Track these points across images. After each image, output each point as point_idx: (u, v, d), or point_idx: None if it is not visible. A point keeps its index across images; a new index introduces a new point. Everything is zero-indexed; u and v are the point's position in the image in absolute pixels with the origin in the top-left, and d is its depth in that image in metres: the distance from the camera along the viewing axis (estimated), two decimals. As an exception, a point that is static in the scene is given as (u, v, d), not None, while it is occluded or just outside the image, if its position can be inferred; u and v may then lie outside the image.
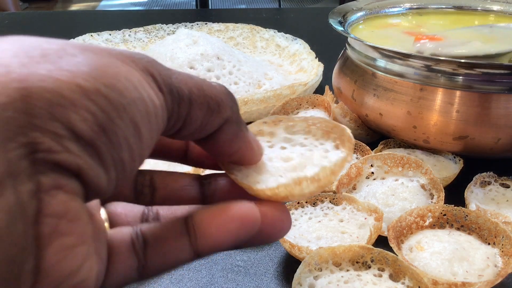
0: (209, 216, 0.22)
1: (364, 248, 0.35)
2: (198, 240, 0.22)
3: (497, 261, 0.36)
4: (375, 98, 0.51)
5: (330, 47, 0.76)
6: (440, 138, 0.47)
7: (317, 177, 0.23)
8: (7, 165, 0.15)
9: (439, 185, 0.43)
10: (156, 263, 0.22)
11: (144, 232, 0.22)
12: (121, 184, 0.20)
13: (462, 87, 0.45)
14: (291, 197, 0.23)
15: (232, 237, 0.22)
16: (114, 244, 0.22)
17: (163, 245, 0.22)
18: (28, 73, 0.16)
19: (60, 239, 0.17)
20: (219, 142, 0.23)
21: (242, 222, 0.21)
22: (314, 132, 0.28)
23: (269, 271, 0.38)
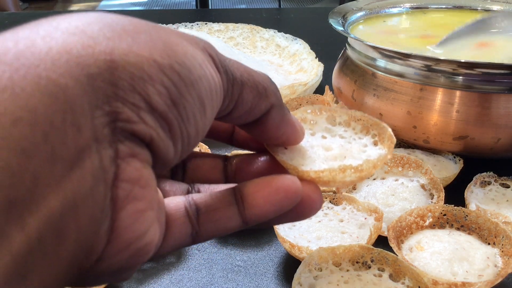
0: (257, 188, 0.23)
1: (364, 248, 0.35)
2: (246, 210, 0.23)
3: (497, 261, 0.36)
4: (375, 98, 0.51)
5: (330, 47, 0.76)
6: (440, 138, 0.47)
7: (361, 167, 0.25)
8: (94, 131, 0.17)
9: (439, 185, 0.43)
10: (208, 229, 0.23)
11: (196, 201, 0.24)
12: (183, 157, 0.21)
13: (462, 87, 0.45)
14: (332, 182, 0.25)
15: (277, 208, 0.23)
16: (171, 212, 0.23)
17: (215, 213, 0.23)
18: (113, 47, 0.17)
19: (133, 203, 0.18)
20: (266, 126, 0.25)
21: (286, 193, 0.23)
22: (354, 126, 0.29)
23: (269, 271, 0.38)
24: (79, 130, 0.16)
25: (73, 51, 0.17)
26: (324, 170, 0.24)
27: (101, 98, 0.17)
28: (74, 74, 0.16)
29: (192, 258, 0.39)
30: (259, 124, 0.25)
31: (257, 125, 0.25)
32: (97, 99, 0.17)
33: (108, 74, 0.17)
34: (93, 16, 0.18)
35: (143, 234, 0.19)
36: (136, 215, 0.18)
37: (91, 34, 0.17)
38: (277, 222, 0.25)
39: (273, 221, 0.25)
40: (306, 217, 0.25)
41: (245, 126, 0.25)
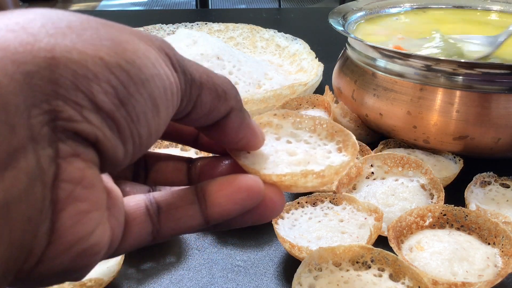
0: (219, 186, 0.23)
1: (364, 248, 0.35)
2: (208, 208, 0.23)
3: (497, 261, 0.36)
4: (375, 98, 0.51)
5: (330, 47, 0.76)
6: (440, 138, 0.47)
7: (322, 173, 0.25)
8: (30, 130, 0.16)
9: (439, 185, 0.43)
10: (169, 228, 0.23)
11: (157, 199, 0.23)
12: (136, 158, 0.21)
13: (462, 87, 0.45)
14: (294, 187, 0.25)
15: (239, 207, 0.23)
16: (130, 211, 0.23)
17: (176, 212, 0.23)
18: (55, 43, 0.17)
19: (75, 204, 0.18)
20: (226, 130, 0.24)
21: (248, 193, 0.23)
22: (320, 131, 0.29)
23: (269, 271, 0.38)
24: (13, 130, 0.15)
25: (10, 48, 0.16)
26: (286, 174, 0.24)
27: (39, 96, 0.16)
28: (9, 72, 0.16)
29: (192, 258, 0.39)
30: (218, 127, 0.24)
31: (217, 128, 0.24)
32: (34, 98, 0.16)
33: (47, 72, 0.16)
34: (36, 12, 0.18)
35: (87, 235, 0.19)
36: (78, 216, 0.18)
37: (31, 30, 0.17)
38: (239, 223, 0.25)
39: (236, 222, 0.25)
40: (268, 219, 0.25)
41: (205, 129, 0.25)
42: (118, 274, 0.36)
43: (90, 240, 0.19)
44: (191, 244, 0.41)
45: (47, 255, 0.18)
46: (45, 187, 0.17)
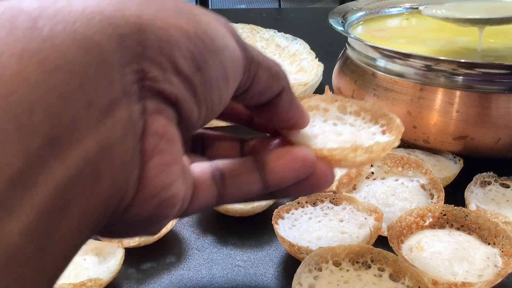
0: (277, 156, 0.25)
1: (364, 248, 0.35)
2: (267, 175, 0.25)
3: (497, 261, 0.36)
4: (375, 98, 0.51)
5: (330, 47, 0.76)
6: (440, 138, 0.47)
7: (371, 148, 0.26)
8: (124, 86, 0.18)
9: (439, 185, 0.43)
10: (232, 192, 0.25)
11: (220, 167, 0.25)
12: (206, 123, 0.23)
13: (462, 87, 0.45)
14: (343, 161, 0.27)
15: (295, 174, 0.25)
16: (197, 175, 0.25)
17: (239, 177, 0.25)
18: (142, 11, 0.19)
19: (159, 156, 0.20)
20: (277, 109, 0.26)
21: (303, 162, 0.25)
22: (364, 116, 0.31)
23: (269, 271, 0.38)
24: (111, 84, 0.17)
25: (106, 12, 0.18)
26: (336, 148, 0.26)
27: (131, 56, 0.18)
28: (107, 33, 0.17)
29: (192, 258, 0.39)
30: (270, 107, 0.26)
31: (269, 107, 0.26)
32: (127, 57, 0.18)
33: (137, 35, 0.18)
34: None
35: (169, 185, 0.20)
36: (162, 167, 0.20)
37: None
38: (294, 192, 0.27)
39: (291, 191, 0.26)
40: (319, 189, 0.27)
41: (257, 109, 0.27)
42: (118, 274, 0.36)
43: (171, 191, 0.21)
44: (191, 244, 0.41)
45: (135, 201, 0.20)
46: (136, 138, 0.19)
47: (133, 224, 0.21)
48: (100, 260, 0.37)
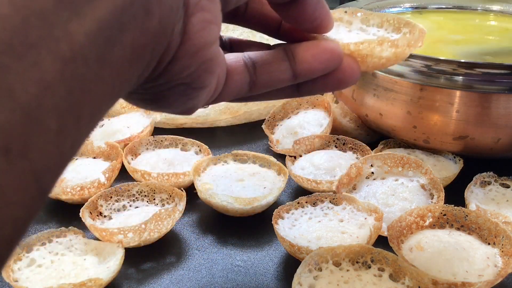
0: (306, 47, 0.27)
1: (364, 248, 0.35)
2: (296, 64, 0.26)
3: (497, 261, 0.36)
4: (375, 98, 0.51)
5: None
6: (440, 138, 0.47)
7: (397, 42, 0.27)
8: None
9: (439, 185, 0.43)
10: (264, 80, 0.27)
11: (252, 57, 0.27)
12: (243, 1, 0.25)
13: (462, 87, 0.45)
14: (369, 57, 0.27)
15: (323, 66, 0.27)
16: (230, 63, 0.26)
17: (270, 66, 0.27)
18: None
19: (202, 13, 0.21)
20: (304, 6, 0.27)
21: (331, 54, 0.26)
22: (387, 26, 0.32)
23: (269, 271, 0.38)
24: None
25: None
26: (363, 41, 0.27)
27: None
28: None
29: (192, 258, 0.39)
30: (297, 5, 0.27)
31: (295, 5, 0.27)
32: None
33: None
34: None
35: (209, 44, 0.22)
36: (204, 24, 0.21)
37: None
38: (322, 86, 0.28)
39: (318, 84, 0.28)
40: (346, 84, 0.28)
41: (283, 8, 0.27)
42: (118, 274, 0.36)
43: (211, 51, 0.22)
44: (191, 244, 0.41)
45: (179, 53, 0.21)
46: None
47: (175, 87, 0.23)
48: (100, 260, 0.37)
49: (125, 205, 0.43)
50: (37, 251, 0.37)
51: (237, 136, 0.59)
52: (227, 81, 0.26)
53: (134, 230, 0.38)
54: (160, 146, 0.52)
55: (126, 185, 0.44)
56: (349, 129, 0.55)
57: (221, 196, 0.41)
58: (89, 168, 0.48)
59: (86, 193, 0.43)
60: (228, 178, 0.45)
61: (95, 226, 0.38)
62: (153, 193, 0.44)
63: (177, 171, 0.46)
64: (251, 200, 0.41)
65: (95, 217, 0.41)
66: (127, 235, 0.38)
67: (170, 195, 0.44)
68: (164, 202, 0.44)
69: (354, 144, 0.52)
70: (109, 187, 0.44)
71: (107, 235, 0.38)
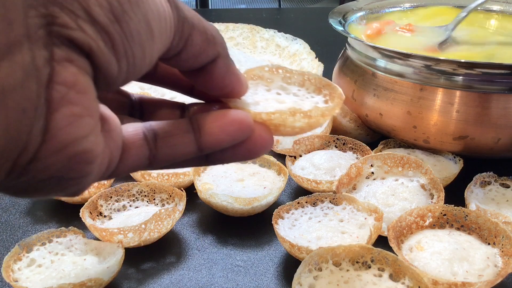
0: (213, 118, 0.25)
1: (364, 248, 0.35)
2: (202, 137, 0.25)
3: (497, 261, 0.36)
4: (375, 98, 0.51)
5: (330, 47, 0.76)
6: (440, 138, 0.47)
7: (310, 113, 0.26)
8: (26, 29, 0.17)
9: (439, 185, 0.43)
10: (165, 154, 0.25)
11: (154, 127, 0.25)
12: (130, 81, 0.22)
13: (462, 87, 0.45)
14: (282, 127, 0.26)
15: (231, 138, 0.25)
16: (128, 135, 0.24)
17: (172, 138, 0.25)
18: None
19: (68, 107, 0.19)
20: (213, 75, 0.26)
21: (239, 125, 0.25)
22: (308, 86, 0.31)
23: (269, 271, 0.38)
24: (10, 25, 0.16)
25: None
26: (275, 111, 0.26)
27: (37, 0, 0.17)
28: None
29: (192, 258, 0.39)
30: (206, 73, 0.26)
31: (204, 74, 0.26)
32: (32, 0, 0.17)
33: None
34: None
35: (80, 139, 0.19)
36: (71, 118, 0.19)
37: None
38: (231, 156, 0.26)
39: (228, 155, 0.26)
40: (257, 154, 0.26)
41: (192, 75, 0.26)
42: (118, 274, 0.36)
43: (83, 145, 0.20)
44: (191, 244, 0.41)
45: (41, 152, 0.19)
46: (40, 85, 0.18)
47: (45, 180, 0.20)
48: (100, 260, 0.37)
49: (125, 205, 0.43)
50: (37, 251, 0.37)
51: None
52: (122, 157, 0.24)
53: (134, 230, 0.38)
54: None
55: (126, 185, 0.44)
56: (349, 129, 0.55)
57: (221, 196, 0.41)
58: (89, 168, 0.47)
59: (86, 193, 0.44)
60: (228, 178, 0.45)
61: (95, 226, 0.38)
62: (153, 193, 0.44)
63: (177, 171, 0.46)
64: (251, 200, 0.41)
65: (95, 217, 0.41)
66: (127, 235, 0.38)
67: (170, 195, 0.44)
68: (164, 202, 0.44)
69: (354, 144, 0.52)
70: (109, 187, 0.44)
71: (107, 235, 0.38)
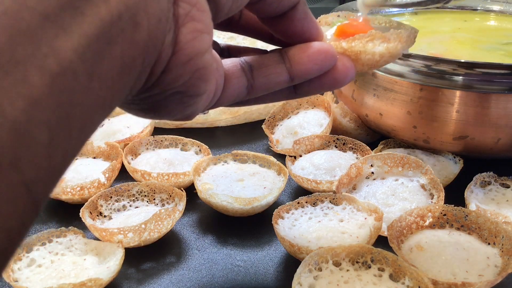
0: (301, 49, 0.27)
1: (364, 248, 0.35)
2: (292, 66, 0.27)
3: (497, 261, 0.36)
4: (375, 98, 0.50)
5: (330, 47, 0.76)
6: (440, 138, 0.47)
7: (388, 36, 0.28)
8: None
9: (439, 185, 0.43)
10: (261, 83, 0.27)
11: (249, 61, 0.27)
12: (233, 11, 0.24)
13: (462, 87, 0.45)
14: (363, 54, 0.28)
15: (318, 66, 0.27)
16: (228, 67, 0.27)
17: (266, 69, 0.27)
18: None
19: (192, 23, 0.22)
20: (293, 21, 0.28)
21: (325, 54, 0.27)
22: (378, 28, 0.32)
23: (269, 271, 0.38)
24: None
25: None
26: (355, 37, 0.28)
27: None
28: None
29: (192, 258, 0.39)
30: (285, 19, 0.27)
31: (284, 20, 0.27)
32: None
33: None
34: None
35: (202, 53, 0.22)
36: (195, 33, 0.22)
37: None
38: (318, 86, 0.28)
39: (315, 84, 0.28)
40: (342, 83, 0.28)
41: (272, 22, 0.28)
42: (118, 274, 0.36)
43: (203, 60, 0.22)
44: (191, 244, 0.41)
45: (171, 63, 0.22)
46: (169, 1, 0.20)
47: (171, 95, 0.23)
48: (100, 260, 0.37)
49: (125, 205, 0.43)
50: (37, 251, 0.37)
51: (237, 136, 0.59)
52: (225, 86, 0.26)
53: (134, 230, 0.38)
54: (160, 146, 0.52)
55: (126, 185, 0.44)
56: (349, 129, 0.55)
57: (221, 196, 0.41)
58: (89, 168, 0.48)
59: (86, 193, 0.43)
60: (228, 178, 0.45)
61: (95, 226, 0.38)
62: (153, 193, 0.44)
63: (177, 171, 0.46)
64: (251, 200, 0.41)
65: (95, 217, 0.41)
66: (127, 235, 0.38)
67: (170, 195, 0.44)
68: (164, 202, 0.44)
69: (354, 144, 0.52)
70: (109, 187, 0.44)
71: (107, 235, 0.38)
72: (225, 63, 0.27)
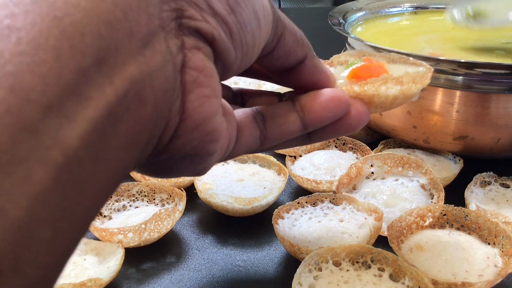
0: (313, 97, 0.27)
1: (364, 248, 0.35)
2: (305, 115, 0.27)
3: (497, 261, 0.36)
4: (375, 98, 0.50)
5: (330, 47, 0.76)
6: (440, 138, 0.47)
7: (401, 79, 0.27)
8: (161, 21, 0.19)
9: (439, 185, 0.43)
10: (274, 133, 0.27)
11: (261, 110, 0.27)
12: (242, 69, 0.24)
13: (462, 87, 0.45)
14: (376, 97, 0.28)
15: (331, 114, 0.27)
16: (240, 119, 0.27)
17: (279, 119, 0.27)
18: None
19: (199, 89, 0.21)
20: (302, 75, 0.28)
21: (338, 102, 0.27)
22: None
23: (269, 271, 0.38)
24: (150, 18, 0.19)
25: None
26: (367, 81, 0.27)
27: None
28: None
29: (192, 258, 0.39)
30: (294, 73, 0.27)
31: (293, 74, 0.27)
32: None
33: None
34: None
35: (210, 118, 0.22)
36: (202, 99, 0.21)
37: None
38: (332, 132, 0.28)
39: (329, 131, 0.28)
40: (356, 128, 0.28)
41: (281, 76, 0.28)
42: (118, 274, 0.36)
43: (212, 124, 0.22)
44: (191, 244, 0.41)
45: (179, 131, 0.21)
46: (175, 70, 0.20)
47: (180, 159, 0.23)
48: (100, 260, 0.37)
49: (125, 205, 0.43)
50: (37, 251, 0.37)
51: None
52: (238, 138, 0.26)
53: (134, 230, 0.38)
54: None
55: (126, 185, 0.44)
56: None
57: (221, 196, 0.41)
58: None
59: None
60: (228, 178, 0.45)
61: (95, 226, 0.38)
62: (153, 193, 0.44)
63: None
64: (251, 200, 0.41)
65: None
66: (127, 235, 0.38)
67: (170, 195, 0.44)
68: (164, 202, 0.44)
69: (354, 144, 0.52)
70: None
71: (107, 235, 0.38)
72: (237, 114, 0.27)
